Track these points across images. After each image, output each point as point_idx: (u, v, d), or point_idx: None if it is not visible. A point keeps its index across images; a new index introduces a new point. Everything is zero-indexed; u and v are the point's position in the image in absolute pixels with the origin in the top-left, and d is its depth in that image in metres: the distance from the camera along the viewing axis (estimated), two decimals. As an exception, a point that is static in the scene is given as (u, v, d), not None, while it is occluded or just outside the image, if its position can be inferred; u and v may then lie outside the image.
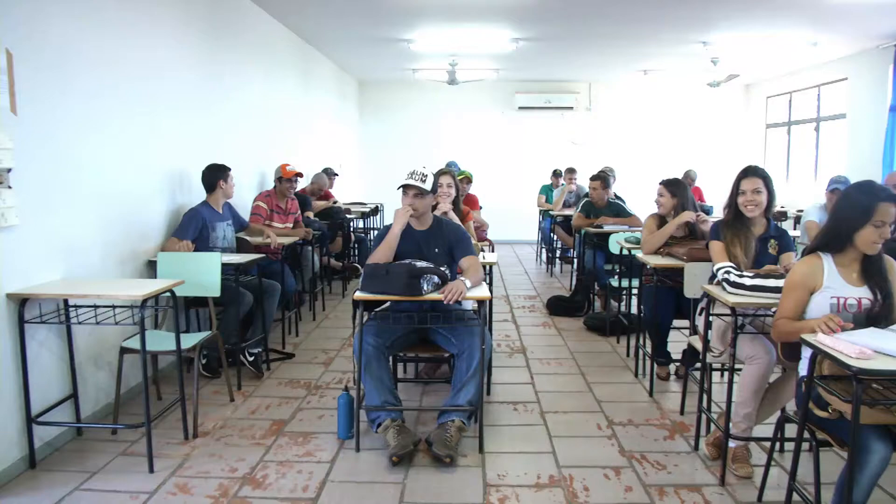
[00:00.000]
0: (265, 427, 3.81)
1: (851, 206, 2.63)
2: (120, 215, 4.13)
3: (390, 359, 3.78)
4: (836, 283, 2.67)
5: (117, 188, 4.10)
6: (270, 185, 6.19)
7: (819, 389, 2.45)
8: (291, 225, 5.87)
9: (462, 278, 3.48)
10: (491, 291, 3.78)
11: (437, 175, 4.26)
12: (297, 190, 6.12)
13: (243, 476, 3.22)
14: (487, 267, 4.23)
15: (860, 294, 2.66)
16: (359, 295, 3.41)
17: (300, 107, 8.26)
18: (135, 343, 3.56)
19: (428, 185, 3.61)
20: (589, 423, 3.93)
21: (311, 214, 6.85)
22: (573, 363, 5.08)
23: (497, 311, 6.62)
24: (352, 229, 8.36)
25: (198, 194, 4.96)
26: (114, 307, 3.33)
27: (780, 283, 3.01)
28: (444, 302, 3.32)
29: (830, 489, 2.55)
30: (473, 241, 4.02)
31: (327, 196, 7.83)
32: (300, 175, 6.06)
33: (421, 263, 3.45)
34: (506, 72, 10.91)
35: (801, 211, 7.55)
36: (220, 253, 4.32)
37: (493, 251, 5.39)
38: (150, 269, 4.40)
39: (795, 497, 2.67)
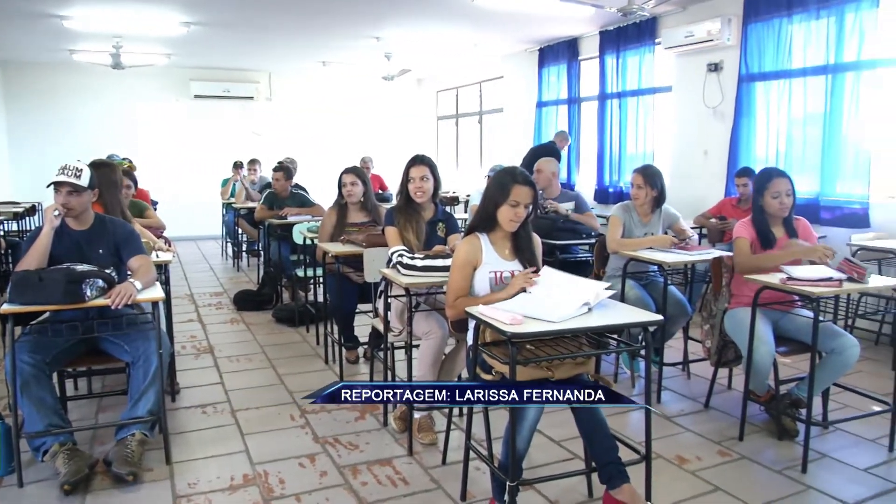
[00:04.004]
0: None
1: (495, 186, 2.91)
2: None
3: (54, 376, 3.37)
4: (493, 259, 2.94)
5: None
6: None
7: (483, 355, 2.70)
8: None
9: (132, 280, 3.21)
10: (169, 291, 3.56)
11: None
12: None
13: None
14: (162, 266, 3.97)
15: (513, 267, 2.96)
16: (7, 308, 2.96)
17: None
18: None
19: (84, 181, 3.24)
20: (282, 415, 3.91)
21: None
22: (263, 357, 5.01)
23: (181, 311, 6.27)
24: (2, 233, 7.26)
25: None
26: None
27: (447, 262, 3.26)
28: (112, 307, 3.04)
29: (500, 442, 2.83)
30: (145, 240, 3.74)
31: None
32: None
33: (82, 267, 3.10)
34: (179, 57, 10.29)
35: (470, 195, 8.29)
36: None
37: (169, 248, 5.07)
38: None
39: (472, 454, 2.93)
